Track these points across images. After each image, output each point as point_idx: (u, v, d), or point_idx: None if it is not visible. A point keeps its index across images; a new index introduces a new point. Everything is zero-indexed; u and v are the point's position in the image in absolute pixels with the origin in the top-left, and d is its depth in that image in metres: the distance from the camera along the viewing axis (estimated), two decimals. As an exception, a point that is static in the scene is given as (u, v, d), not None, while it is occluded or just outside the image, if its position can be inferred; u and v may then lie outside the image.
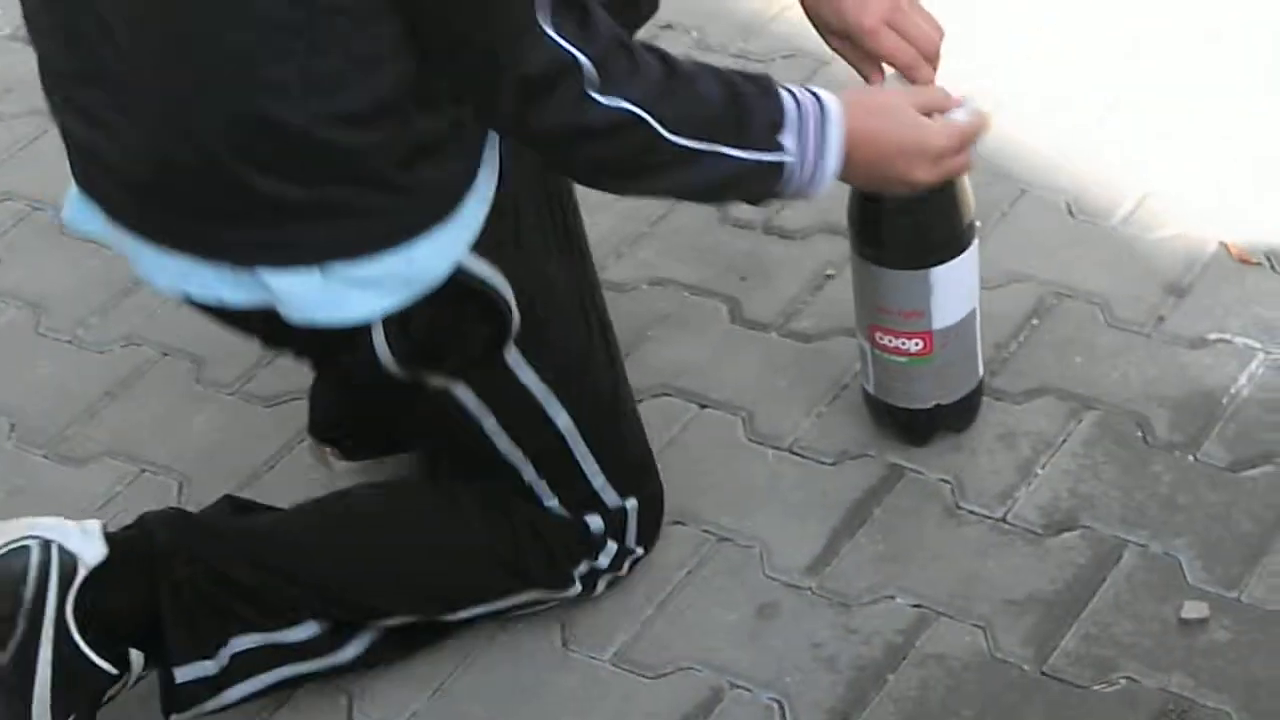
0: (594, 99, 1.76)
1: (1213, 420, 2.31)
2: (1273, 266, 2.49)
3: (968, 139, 2.00)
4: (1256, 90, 2.75)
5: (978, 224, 2.18)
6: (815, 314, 2.50)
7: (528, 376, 2.01)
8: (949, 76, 2.09)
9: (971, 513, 2.24)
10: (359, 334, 1.88)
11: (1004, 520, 2.23)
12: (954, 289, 2.16)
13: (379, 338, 1.89)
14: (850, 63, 2.11)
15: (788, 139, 1.87)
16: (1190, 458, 2.27)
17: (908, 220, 2.11)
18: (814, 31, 2.13)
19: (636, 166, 1.84)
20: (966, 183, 2.12)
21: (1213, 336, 2.41)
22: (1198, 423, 2.30)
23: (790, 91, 1.90)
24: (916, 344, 2.19)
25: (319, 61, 1.72)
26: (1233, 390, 2.34)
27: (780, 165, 1.88)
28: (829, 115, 1.90)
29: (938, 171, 1.99)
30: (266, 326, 1.91)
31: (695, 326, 2.51)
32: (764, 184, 1.90)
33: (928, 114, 1.98)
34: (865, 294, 2.20)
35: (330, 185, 1.79)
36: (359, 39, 1.73)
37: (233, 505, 2.14)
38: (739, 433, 2.37)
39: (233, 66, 1.73)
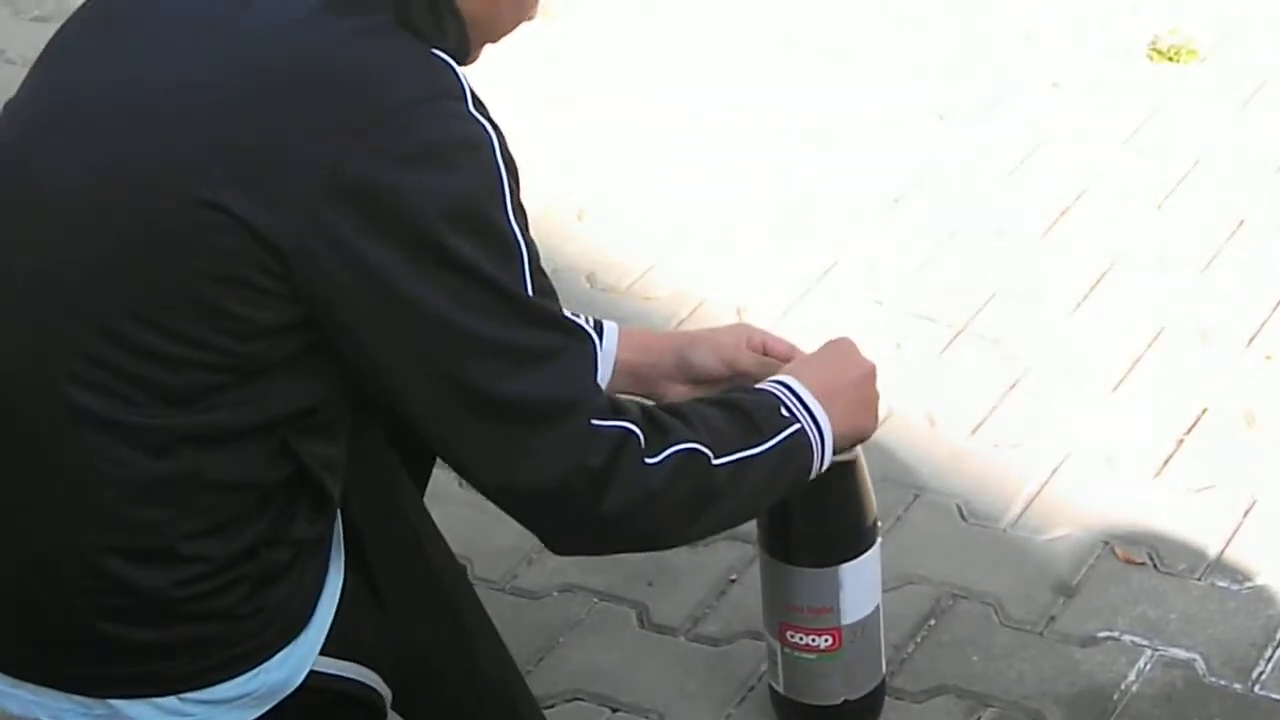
0: (648, 463, 1.81)
1: (1105, 716, 2.38)
2: (1156, 567, 2.59)
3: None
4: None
5: (879, 523, 2.28)
6: (721, 618, 2.57)
7: None
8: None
9: (881, 811, 2.29)
10: None
11: (912, 816, 2.29)
12: (861, 585, 2.24)
13: None
14: None
15: (788, 410, 1.94)
16: (1087, 753, 2.34)
17: (817, 518, 2.20)
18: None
19: (697, 503, 1.87)
20: (869, 483, 2.22)
21: (1102, 635, 2.50)
22: (1091, 719, 2.37)
23: (757, 387, 1.97)
24: (826, 640, 2.25)
25: (179, 527, 1.74)
26: (1123, 686, 2.42)
27: (797, 432, 1.93)
28: (792, 387, 1.97)
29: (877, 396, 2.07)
30: None
31: (605, 632, 2.57)
32: (796, 461, 1.94)
33: None
34: (775, 592, 2.27)
35: (181, 626, 1.78)
36: (222, 506, 1.75)
37: None
38: (652, 735, 2.42)
39: (92, 530, 1.74)
